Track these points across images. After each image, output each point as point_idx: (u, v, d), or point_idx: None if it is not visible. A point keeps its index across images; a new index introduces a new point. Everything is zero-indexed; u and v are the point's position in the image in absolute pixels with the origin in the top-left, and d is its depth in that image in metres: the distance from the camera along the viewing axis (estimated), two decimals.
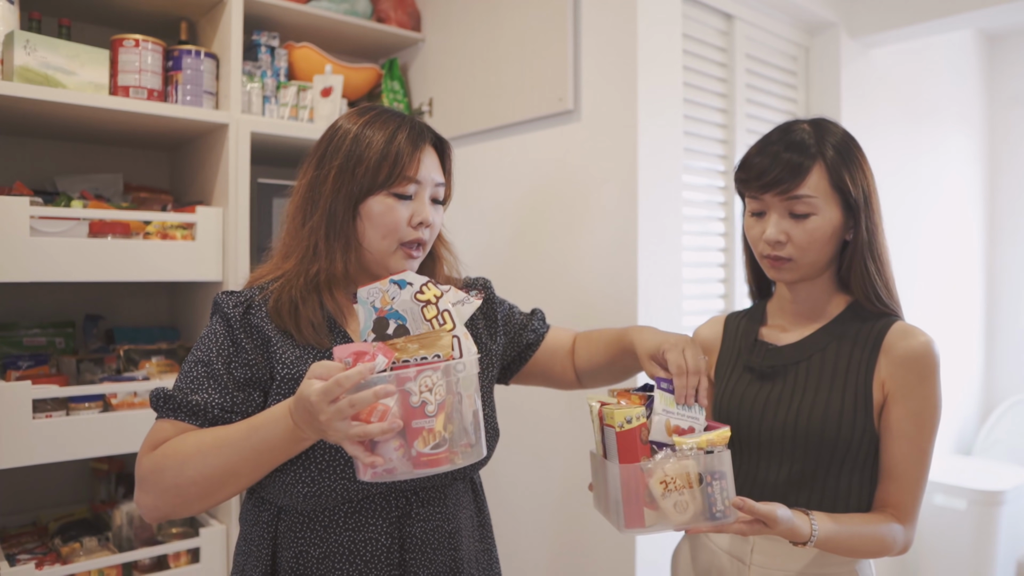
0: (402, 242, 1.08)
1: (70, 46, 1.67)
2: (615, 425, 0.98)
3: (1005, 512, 2.70)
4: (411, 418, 0.88)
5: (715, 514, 0.97)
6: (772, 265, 1.18)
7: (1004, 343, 3.38)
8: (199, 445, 0.96)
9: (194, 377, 1.02)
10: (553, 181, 1.92)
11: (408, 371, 0.88)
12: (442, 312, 0.98)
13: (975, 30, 3.26)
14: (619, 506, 0.97)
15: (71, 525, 1.83)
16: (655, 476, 0.95)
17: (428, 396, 0.88)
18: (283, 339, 1.05)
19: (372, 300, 0.98)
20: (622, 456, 0.98)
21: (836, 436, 1.12)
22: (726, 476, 0.97)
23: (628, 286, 1.73)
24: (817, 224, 1.13)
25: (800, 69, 2.40)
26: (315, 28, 2.17)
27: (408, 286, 0.98)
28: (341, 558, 1.03)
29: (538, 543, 1.97)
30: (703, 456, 0.97)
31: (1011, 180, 3.37)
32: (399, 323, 0.97)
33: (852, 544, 1.08)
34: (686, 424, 1.03)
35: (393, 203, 1.06)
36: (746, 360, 1.25)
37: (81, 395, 1.64)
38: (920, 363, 1.11)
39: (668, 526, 0.97)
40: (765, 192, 1.14)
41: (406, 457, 0.88)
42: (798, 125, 1.18)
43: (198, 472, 0.95)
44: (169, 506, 0.99)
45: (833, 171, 1.13)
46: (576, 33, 1.85)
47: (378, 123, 1.09)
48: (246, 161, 1.86)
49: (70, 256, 1.61)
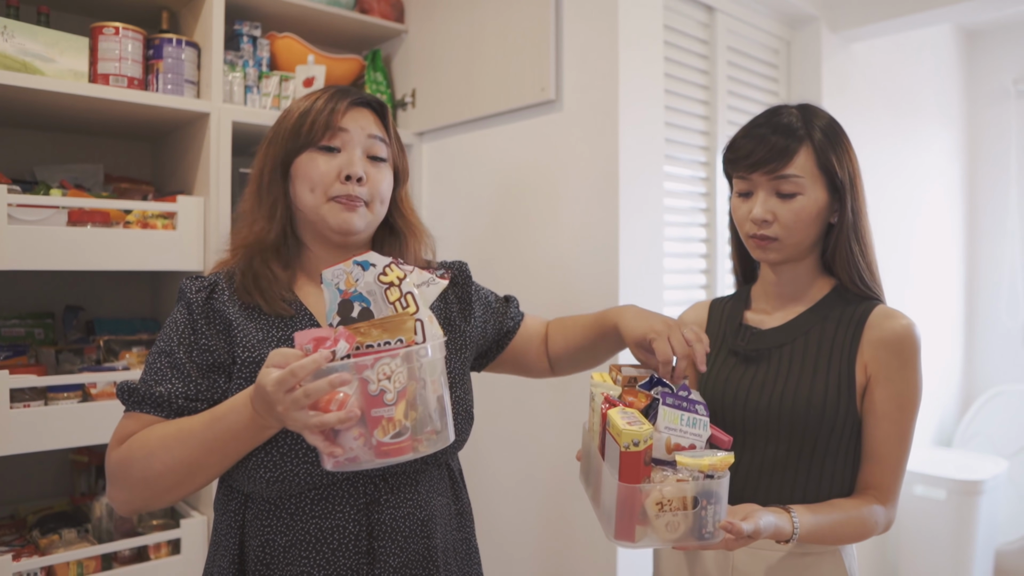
0: (330, 196, 1.07)
1: (49, 33, 1.65)
2: (620, 444, 0.95)
3: (983, 502, 2.73)
4: (370, 406, 0.86)
5: (704, 535, 0.96)
6: (757, 245, 1.19)
7: (984, 336, 3.42)
8: (163, 438, 0.96)
9: (157, 368, 1.02)
10: (536, 171, 1.92)
11: (365, 359, 0.85)
12: (405, 294, 0.95)
13: (954, 25, 3.30)
14: (611, 518, 0.97)
15: (50, 518, 1.81)
16: (651, 497, 0.95)
17: (387, 384, 0.86)
18: (246, 322, 1.04)
19: (336, 282, 0.96)
20: (623, 475, 0.95)
21: (819, 418, 1.13)
22: (721, 500, 0.97)
23: (609, 275, 1.74)
24: (803, 204, 1.15)
25: (782, 62, 2.41)
26: (298, 18, 2.16)
27: (371, 267, 0.95)
28: (308, 546, 1.01)
29: (522, 533, 1.97)
30: (702, 480, 0.95)
31: (990, 174, 3.41)
32: (363, 306, 0.95)
33: (835, 532, 1.10)
34: (687, 442, 1.01)
35: (318, 156, 1.07)
36: (731, 344, 1.26)
37: (60, 384, 1.63)
38: (902, 345, 1.13)
39: (656, 543, 0.97)
40: (753, 171, 1.16)
41: (367, 446, 0.86)
42: (786, 108, 1.20)
43: (164, 465, 0.95)
44: (141, 499, 0.99)
45: (820, 152, 1.15)
46: (558, 24, 1.85)
47: (312, 95, 1.11)
48: (227, 151, 1.85)
49: (48, 245, 1.59)
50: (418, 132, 2.29)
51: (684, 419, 1.01)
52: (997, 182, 3.39)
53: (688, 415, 1.01)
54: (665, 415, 1.00)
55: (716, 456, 0.98)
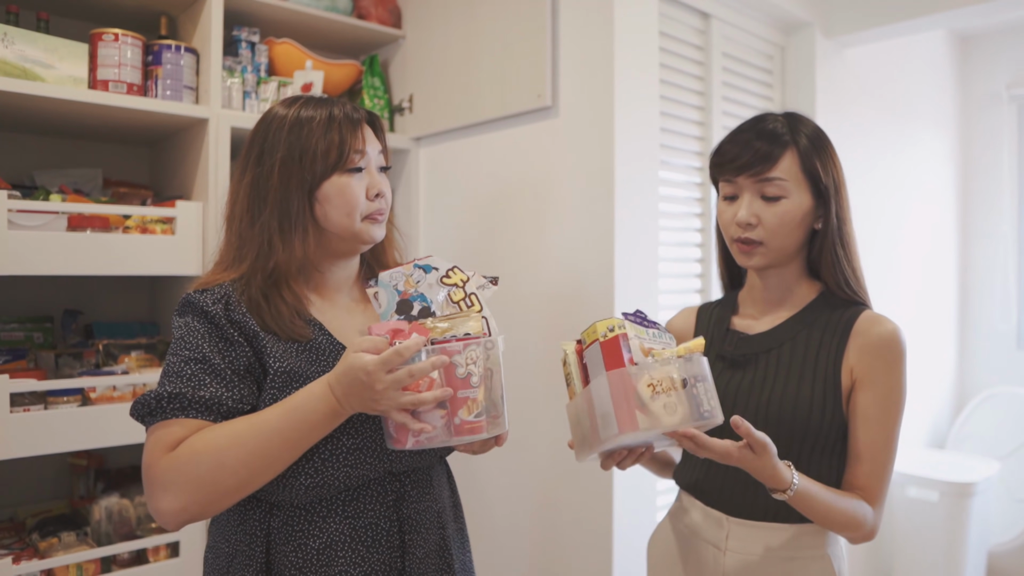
0: (364, 215, 1.11)
1: (48, 39, 1.67)
2: (599, 336, 1.02)
3: (976, 503, 2.75)
4: (458, 388, 0.95)
5: (703, 414, 0.99)
6: (741, 250, 1.20)
7: (977, 339, 3.45)
8: (234, 434, 0.95)
9: (191, 374, 0.98)
10: (532, 177, 1.94)
11: (456, 344, 0.96)
12: (469, 295, 1.05)
13: (947, 30, 3.32)
14: (610, 415, 0.97)
15: (49, 521, 1.82)
16: (642, 380, 0.98)
17: (473, 368, 0.96)
18: (265, 333, 1.05)
19: (395, 283, 1.05)
20: (608, 364, 1.00)
21: (806, 422, 1.14)
22: (707, 379, 1.02)
23: (605, 280, 1.75)
24: (787, 208, 1.16)
25: (776, 68, 2.43)
26: (296, 24, 2.18)
27: (434, 270, 1.05)
28: (343, 546, 1.04)
29: (515, 534, 1.98)
30: (683, 361, 1.00)
31: (983, 178, 3.44)
32: (424, 305, 1.04)
33: (826, 510, 1.09)
34: (659, 346, 1.06)
35: (348, 180, 1.09)
36: (719, 349, 1.28)
37: (59, 389, 1.64)
38: (887, 350, 1.14)
39: (660, 428, 0.97)
40: (738, 175, 1.18)
41: (448, 425, 0.95)
42: (771, 115, 1.22)
43: (237, 459, 0.93)
44: (199, 504, 0.94)
45: (805, 157, 1.17)
46: (554, 30, 1.87)
47: (311, 107, 1.10)
48: (226, 156, 1.86)
49: (48, 250, 1.60)
50: (415, 137, 2.30)
51: (649, 333, 1.08)
52: (990, 186, 3.41)
53: (652, 330, 1.09)
54: (630, 327, 1.05)
55: (688, 343, 1.05)
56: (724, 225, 1.23)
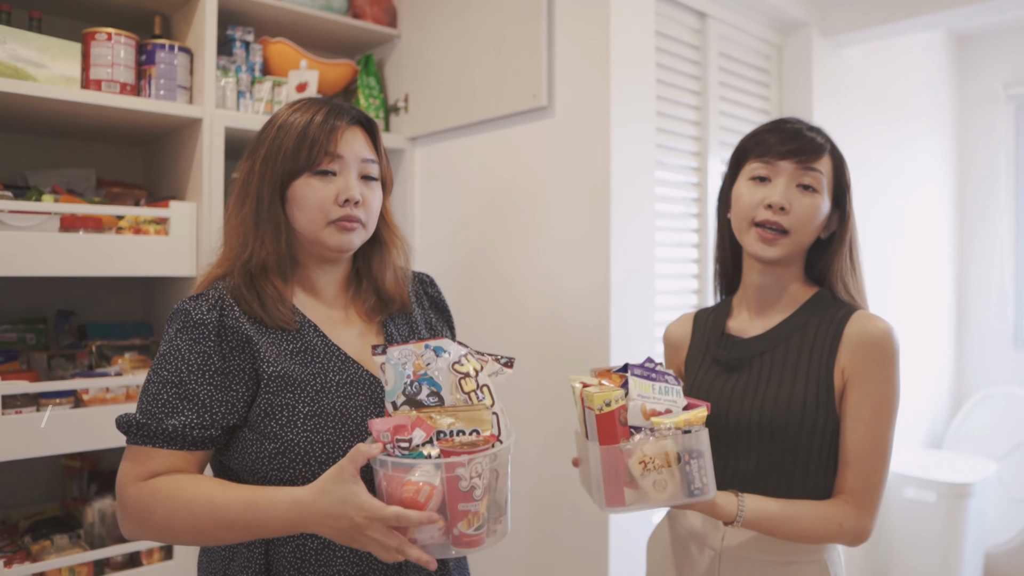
0: (330, 220, 1.09)
1: (41, 39, 1.65)
2: (595, 408, 1.00)
3: (973, 504, 2.75)
4: (459, 501, 0.88)
5: (693, 491, 0.99)
6: (763, 237, 1.18)
7: (974, 339, 3.45)
8: (190, 502, 0.96)
9: (165, 400, 1.00)
10: (527, 176, 1.93)
11: (461, 458, 0.88)
12: (481, 386, 0.99)
13: (945, 31, 3.32)
14: (600, 485, 0.99)
15: (42, 523, 1.81)
16: (634, 456, 0.97)
17: (477, 481, 0.89)
18: (260, 335, 1.05)
19: (404, 362, 0.98)
20: (602, 438, 1.00)
21: (800, 425, 1.14)
22: (704, 454, 1.00)
23: (600, 281, 1.75)
24: (817, 203, 1.18)
25: (773, 68, 2.43)
26: (291, 23, 2.16)
27: (445, 354, 0.99)
28: (341, 546, 1.03)
29: (510, 536, 1.98)
30: (681, 436, 0.99)
31: (980, 178, 3.44)
32: (433, 390, 0.97)
33: (791, 527, 1.09)
34: (662, 407, 1.04)
35: (317, 183, 1.08)
36: (714, 353, 1.27)
37: (51, 391, 1.63)
38: (878, 349, 1.13)
39: (648, 504, 0.99)
40: (784, 159, 1.18)
41: (445, 536, 0.89)
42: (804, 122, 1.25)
43: (186, 525, 0.96)
44: (155, 539, 1.03)
45: (837, 165, 1.22)
46: (550, 30, 1.86)
47: (303, 110, 1.11)
48: (220, 156, 1.85)
49: (40, 251, 1.59)
50: (411, 137, 2.29)
51: (656, 388, 1.05)
52: (987, 186, 3.41)
53: (659, 384, 1.05)
54: (635, 384, 1.04)
55: (691, 412, 1.02)
56: (747, 207, 1.20)
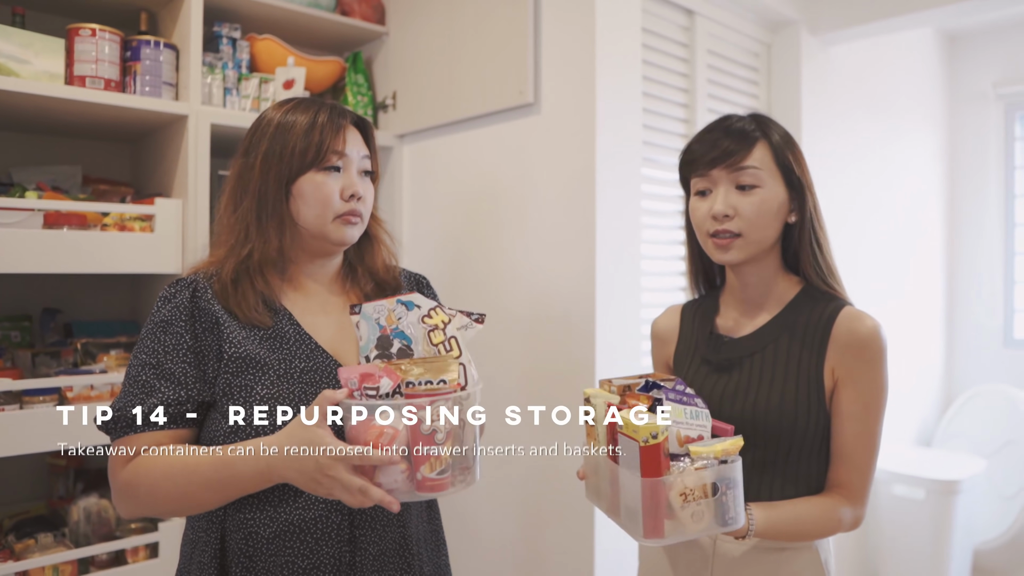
0: (336, 214, 1.12)
1: (24, 34, 1.64)
2: (639, 439, 0.97)
3: (962, 501, 2.76)
4: (422, 444, 0.90)
5: (727, 521, 0.99)
6: (717, 245, 1.19)
7: (964, 336, 3.45)
8: (168, 470, 1.00)
9: (143, 382, 1.04)
10: (515, 173, 1.93)
11: (422, 400, 0.91)
12: (449, 338, 1.02)
13: (934, 29, 3.32)
14: (638, 517, 0.97)
15: (27, 522, 1.80)
16: (675, 489, 0.96)
17: (439, 424, 0.91)
18: (230, 320, 1.08)
19: (377, 317, 1.02)
20: (645, 470, 0.97)
21: (792, 424, 1.14)
22: (738, 484, 1.00)
23: (586, 276, 1.74)
24: (763, 196, 1.16)
25: (762, 65, 2.43)
26: (278, 20, 2.16)
27: (416, 308, 1.02)
28: (292, 536, 1.04)
29: (495, 528, 1.97)
30: (718, 466, 0.98)
31: (970, 176, 3.44)
32: (403, 343, 1.01)
33: (797, 529, 1.12)
34: (695, 433, 1.04)
35: (323, 179, 1.11)
36: (703, 353, 1.27)
37: (35, 388, 1.62)
38: (867, 347, 1.14)
39: (684, 536, 0.98)
40: (712, 167, 1.17)
41: (410, 480, 0.91)
42: (736, 116, 1.23)
43: (167, 494, 1.01)
44: (149, 513, 1.09)
45: (777, 149, 1.18)
46: (536, 26, 1.86)
47: (300, 109, 1.14)
48: (206, 153, 1.84)
49: (23, 248, 1.58)
50: (399, 134, 2.29)
51: (688, 412, 1.05)
52: (977, 184, 3.42)
53: (690, 408, 1.05)
54: (669, 410, 1.03)
55: (726, 441, 1.02)
56: (698, 222, 1.21)
